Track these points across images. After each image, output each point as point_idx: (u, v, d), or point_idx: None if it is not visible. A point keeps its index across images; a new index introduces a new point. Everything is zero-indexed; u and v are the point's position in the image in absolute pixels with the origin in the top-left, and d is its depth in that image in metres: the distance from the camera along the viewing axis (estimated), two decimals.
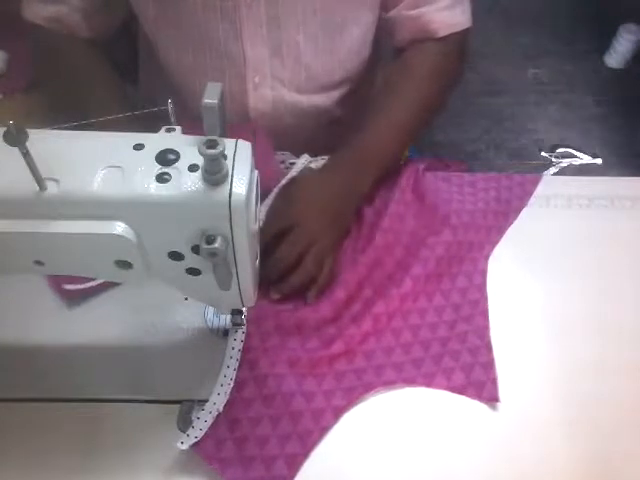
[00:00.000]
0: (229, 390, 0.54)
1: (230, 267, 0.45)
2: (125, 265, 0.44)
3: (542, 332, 0.61)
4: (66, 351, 0.58)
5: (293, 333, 0.60)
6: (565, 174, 0.75)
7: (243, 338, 0.57)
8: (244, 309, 0.57)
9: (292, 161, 0.75)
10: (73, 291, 0.62)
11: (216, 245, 0.41)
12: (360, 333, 0.59)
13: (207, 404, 0.53)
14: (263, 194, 0.68)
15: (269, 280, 0.63)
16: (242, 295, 0.50)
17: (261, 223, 0.65)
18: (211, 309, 0.61)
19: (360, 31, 0.77)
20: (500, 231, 0.68)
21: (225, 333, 0.59)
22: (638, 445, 0.54)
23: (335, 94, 0.81)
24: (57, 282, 0.62)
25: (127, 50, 0.88)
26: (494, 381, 0.57)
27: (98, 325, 0.60)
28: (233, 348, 0.56)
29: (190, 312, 0.61)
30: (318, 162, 0.74)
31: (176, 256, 0.45)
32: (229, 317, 0.58)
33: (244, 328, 0.58)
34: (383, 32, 0.82)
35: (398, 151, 0.73)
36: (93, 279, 0.62)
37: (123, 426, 0.54)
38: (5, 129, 0.36)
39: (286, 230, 0.64)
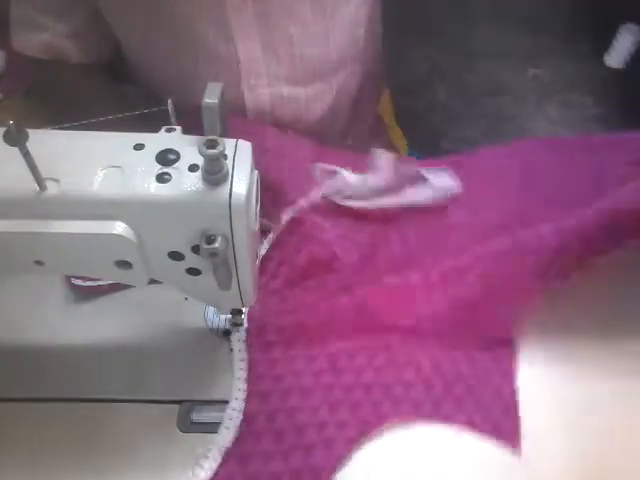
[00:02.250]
0: (239, 423, 0.52)
1: (230, 267, 0.45)
2: (125, 265, 0.44)
3: (541, 331, 0.61)
4: (66, 351, 0.58)
5: (296, 341, 0.56)
6: None
7: (243, 348, 0.57)
8: (244, 309, 0.57)
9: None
10: (81, 287, 0.62)
11: (216, 245, 0.41)
12: (373, 366, 0.55)
13: (217, 439, 0.51)
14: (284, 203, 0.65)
15: None
16: (242, 295, 0.50)
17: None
18: (211, 309, 0.61)
19: (351, 9, 0.76)
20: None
21: (225, 333, 0.59)
22: (639, 446, 0.54)
23: (333, 81, 0.80)
24: (68, 276, 0.62)
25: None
26: (517, 427, 0.53)
27: (98, 325, 0.60)
28: (240, 367, 0.56)
29: (190, 312, 0.61)
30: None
31: (176, 256, 0.45)
32: (229, 317, 0.58)
33: (244, 328, 0.58)
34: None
35: None
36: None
37: (123, 426, 0.54)
38: (5, 129, 0.36)
39: None
